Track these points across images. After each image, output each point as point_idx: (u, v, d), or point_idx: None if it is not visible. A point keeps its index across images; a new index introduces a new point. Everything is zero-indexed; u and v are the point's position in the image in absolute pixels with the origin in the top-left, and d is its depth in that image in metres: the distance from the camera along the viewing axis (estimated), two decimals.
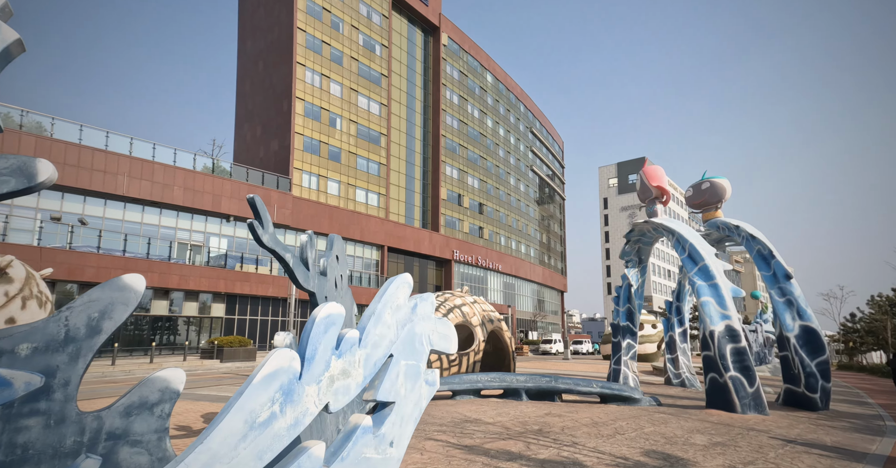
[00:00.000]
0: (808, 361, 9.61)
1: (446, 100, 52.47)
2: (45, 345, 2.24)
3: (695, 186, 12.93)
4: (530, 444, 6.39)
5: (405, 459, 5.45)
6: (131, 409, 2.49)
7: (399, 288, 2.82)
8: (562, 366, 25.96)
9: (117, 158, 26.05)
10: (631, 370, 14.31)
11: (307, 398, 2.10)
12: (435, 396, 11.31)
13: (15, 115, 23.85)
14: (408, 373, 2.77)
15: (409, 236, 44.79)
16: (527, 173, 68.67)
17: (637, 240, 13.58)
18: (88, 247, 24.78)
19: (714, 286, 9.45)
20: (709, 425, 8.06)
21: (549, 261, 74.12)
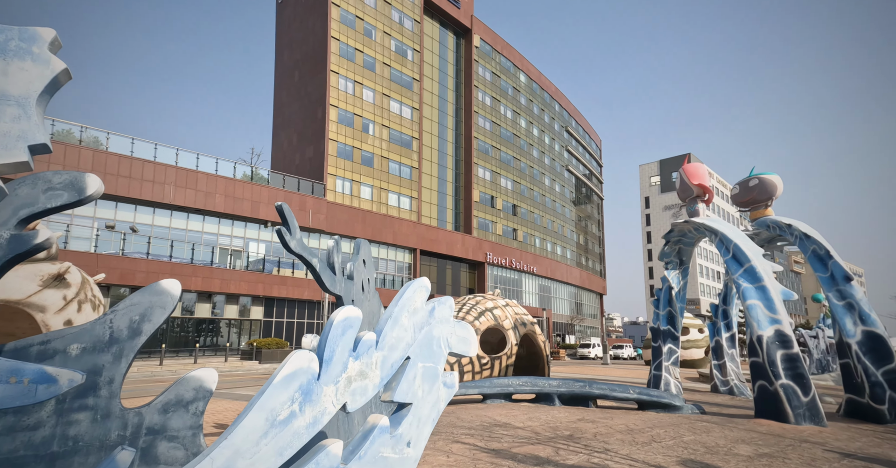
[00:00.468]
0: (872, 370, 8.75)
1: (478, 101, 52.33)
2: (92, 345, 2.44)
3: (742, 184, 12.14)
4: (559, 450, 6.10)
5: (430, 461, 5.34)
6: (168, 406, 2.65)
7: (416, 292, 2.84)
8: (600, 371, 25.11)
9: (165, 169, 27.54)
10: (673, 376, 13.58)
11: (325, 398, 2.17)
12: (465, 400, 11.14)
13: (76, 131, 25.68)
14: (425, 375, 2.78)
15: (441, 239, 44.85)
16: (562, 173, 67.35)
17: (677, 241, 12.89)
18: (139, 254, 26.31)
19: (761, 288, 8.78)
20: (756, 435, 7.47)
21: (587, 263, 72.25)
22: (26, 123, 1.78)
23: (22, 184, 2.25)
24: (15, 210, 2.21)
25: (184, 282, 27.07)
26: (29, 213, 2.23)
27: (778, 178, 11.20)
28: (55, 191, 2.27)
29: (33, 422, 2.29)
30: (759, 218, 11.62)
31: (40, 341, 2.38)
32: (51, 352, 2.38)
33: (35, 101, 1.80)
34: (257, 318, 31.68)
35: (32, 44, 1.84)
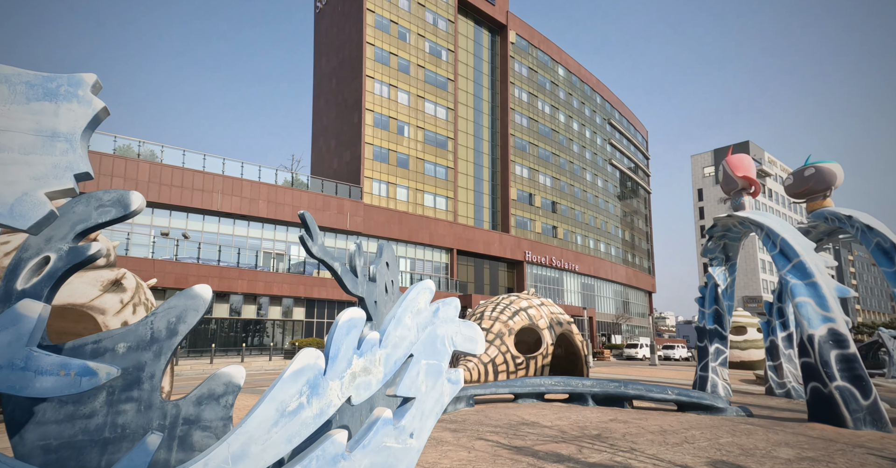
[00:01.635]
0: None
1: (515, 98, 51.74)
2: (136, 344, 2.78)
3: (796, 173, 11.26)
4: (583, 448, 5.90)
5: (451, 456, 5.33)
6: (202, 399, 2.95)
7: (420, 293, 3.03)
8: (645, 372, 24.11)
9: (213, 178, 29.18)
10: (721, 377, 12.83)
11: (331, 392, 2.39)
12: (496, 399, 11.03)
13: (134, 145, 27.75)
14: (429, 371, 2.94)
15: (478, 238, 44.69)
16: (605, 167, 65.29)
17: (721, 237, 12.15)
18: (190, 259, 28.04)
19: (813, 285, 8.08)
20: (804, 439, 6.89)
21: (634, 260, 69.62)
22: (72, 156, 2.04)
23: (77, 202, 2.64)
24: (73, 225, 2.57)
25: (230, 284, 28.58)
26: (84, 227, 2.59)
27: (837, 166, 10.29)
28: (105, 207, 2.62)
29: (88, 412, 2.64)
30: (817, 209, 10.73)
31: (94, 340, 2.77)
32: (102, 350, 2.75)
33: (80, 136, 2.07)
34: (299, 319, 32.90)
35: (78, 87, 2.11)
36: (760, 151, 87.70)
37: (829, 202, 10.43)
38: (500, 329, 16.10)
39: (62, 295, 5.81)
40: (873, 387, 7.63)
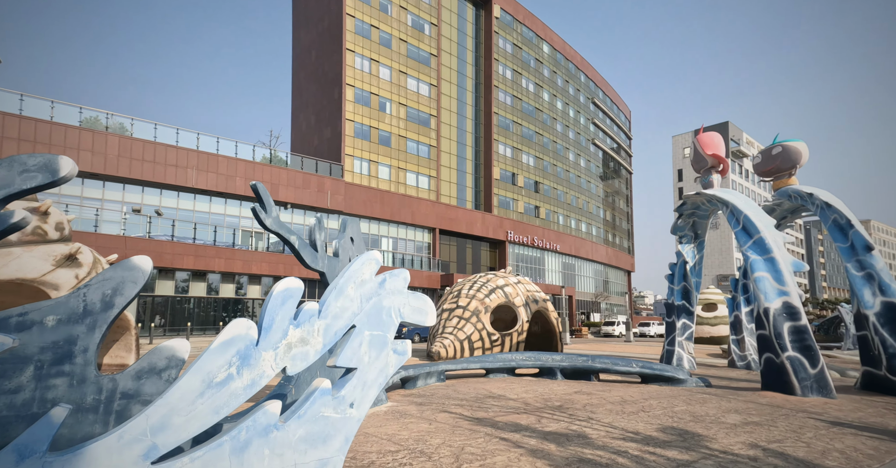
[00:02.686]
0: (891, 341, 8.32)
1: (498, 75, 50.98)
2: (67, 317, 2.65)
3: (764, 152, 11.44)
4: (542, 418, 6.12)
5: (411, 428, 5.45)
6: (142, 374, 2.86)
7: (365, 264, 3.02)
8: (619, 348, 24.87)
9: (187, 153, 28.32)
10: (686, 351, 13.31)
11: (264, 362, 2.36)
12: (468, 374, 11.27)
13: (102, 117, 26.63)
14: (372, 342, 2.95)
15: (460, 218, 44.72)
16: (588, 147, 65.41)
17: (691, 214, 12.39)
18: (164, 236, 27.44)
19: (771, 260, 8.36)
20: (753, 406, 7.29)
21: (614, 240, 70.77)
22: None
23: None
24: None
25: (207, 263, 28.18)
26: (5, 194, 2.41)
27: (803, 144, 10.49)
28: (30, 173, 2.44)
29: (14, 386, 2.54)
30: (782, 188, 10.99)
31: (19, 313, 2.62)
32: (28, 323, 2.62)
33: None
34: None
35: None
36: (739, 132, 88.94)
37: (793, 180, 10.68)
38: (476, 307, 16.34)
39: (10, 269, 5.64)
40: (821, 357, 8.04)
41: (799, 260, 8.39)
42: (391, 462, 3.94)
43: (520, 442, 4.85)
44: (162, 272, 27.34)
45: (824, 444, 5.18)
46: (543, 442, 4.88)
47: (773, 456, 4.66)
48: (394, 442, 4.64)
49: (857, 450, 5.03)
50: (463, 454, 4.29)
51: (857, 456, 4.80)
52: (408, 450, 4.33)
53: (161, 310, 27.60)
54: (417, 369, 9.04)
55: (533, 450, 4.51)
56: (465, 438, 4.91)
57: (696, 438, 5.27)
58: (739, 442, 5.17)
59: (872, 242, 9.00)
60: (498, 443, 4.73)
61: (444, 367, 9.80)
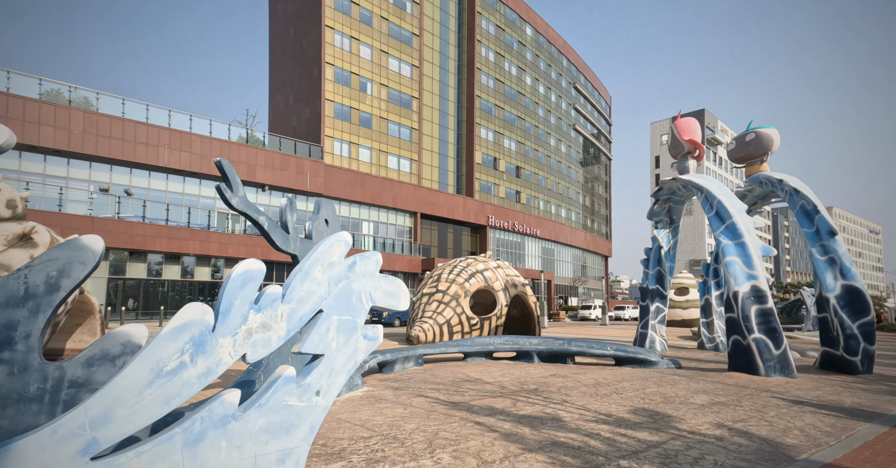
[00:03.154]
0: (849, 323, 8.70)
1: (481, 57, 50.24)
2: (5, 300, 2.47)
3: (738, 138, 11.60)
4: (518, 402, 6.18)
5: (386, 413, 5.42)
6: (93, 361, 2.70)
7: (333, 246, 2.88)
8: (596, 331, 25.44)
9: (158, 131, 27.18)
10: (659, 334, 13.67)
11: (221, 349, 2.21)
12: (446, 358, 11.33)
13: (65, 90, 25.22)
14: (341, 327, 2.84)
15: (442, 202, 44.54)
16: (569, 133, 65.56)
17: (667, 200, 12.55)
18: (135, 217, 26.50)
19: (741, 245, 8.57)
20: (720, 387, 7.55)
21: (593, 226, 71.80)
22: None
23: None
24: None
25: (181, 245, 27.42)
26: None
27: (775, 131, 10.67)
28: None
29: None
30: (754, 174, 11.19)
31: None
32: None
33: None
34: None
35: None
36: (714, 120, 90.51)
37: (765, 167, 10.89)
38: (456, 291, 16.38)
39: None
40: (785, 338, 8.37)
41: (767, 245, 8.60)
42: (363, 448, 3.90)
43: (494, 426, 4.88)
44: (133, 254, 26.49)
45: (785, 423, 5.39)
46: (518, 425, 4.92)
47: (737, 435, 4.81)
48: (367, 428, 4.60)
49: (815, 427, 5.25)
50: (436, 439, 4.29)
51: (815, 433, 5.00)
52: (381, 436, 4.30)
53: (133, 293, 26.84)
54: (395, 353, 9.02)
55: (507, 434, 4.54)
56: (439, 423, 4.91)
57: (665, 419, 5.40)
58: (707, 422, 5.32)
59: (836, 228, 9.30)
60: (472, 428, 4.75)
61: (421, 351, 9.81)
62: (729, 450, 4.29)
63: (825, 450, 4.41)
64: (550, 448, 4.12)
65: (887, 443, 4.69)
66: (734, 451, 4.24)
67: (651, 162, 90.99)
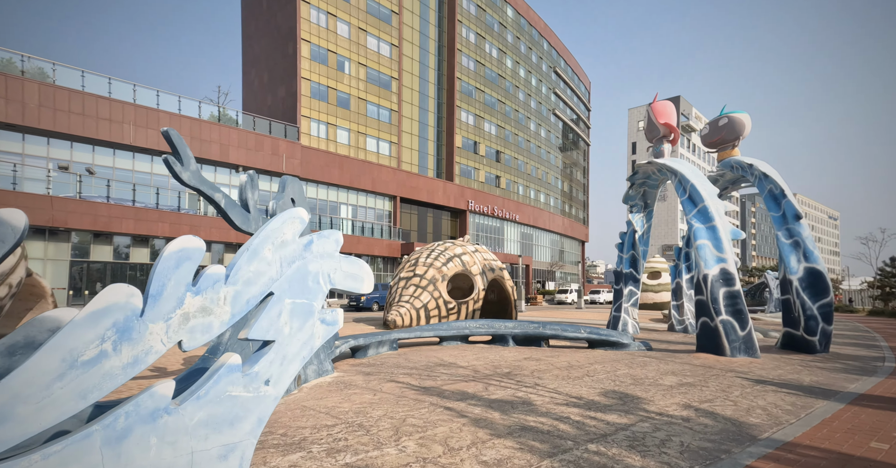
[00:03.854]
0: (809, 304, 9.02)
1: (462, 38, 49.26)
2: None
3: (712, 123, 11.68)
4: (490, 386, 6.15)
5: (354, 399, 5.29)
6: (15, 349, 2.43)
7: (286, 223, 2.65)
8: (571, 314, 25.87)
9: (122, 106, 25.80)
10: (631, 317, 13.92)
11: (151, 336, 2.00)
12: (422, 343, 11.27)
13: (17, 60, 23.57)
14: (295, 311, 2.66)
15: (422, 186, 44.11)
16: (549, 118, 65.46)
17: (642, 184, 12.62)
18: (99, 197, 25.30)
19: (712, 228, 8.69)
20: (688, 367, 7.73)
21: (571, 211, 72.55)
22: None
23: None
24: None
25: (150, 227, 26.42)
26: None
27: (747, 116, 10.76)
28: None
29: None
30: (725, 159, 11.32)
31: None
32: None
33: None
34: None
35: None
36: (689, 107, 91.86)
37: (736, 152, 11.03)
38: (433, 275, 16.29)
39: None
40: (750, 320, 8.61)
41: (737, 228, 8.75)
42: (325, 437, 3.77)
43: (464, 411, 4.81)
44: (98, 236, 25.38)
45: (749, 402, 5.53)
46: (488, 410, 4.87)
47: (704, 415, 4.88)
48: (332, 415, 4.46)
49: (777, 406, 5.39)
50: (403, 426, 4.18)
51: (777, 412, 5.13)
52: (346, 424, 4.17)
53: (99, 276, 25.83)
54: (368, 338, 8.89)
55: (476, 420, 4.47)
56: (408, 409, 4.82)
57: (635, 401, 5.45)
58: (674, 403, 5.40)
59: (802, 212, 9.53)
60: (441, 413, 4.67)
61: (396, 336, 9.71)
62: (695, 430, 4.33)
63: (786, 428, 4.51)
64: (519, 433, 4.08)
65: (843, 420, 4.85)
66: (700, 432, 4.28)
67: (628, 148, 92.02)
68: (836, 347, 11.04)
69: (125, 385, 6.11)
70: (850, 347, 11.31)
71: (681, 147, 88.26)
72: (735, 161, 10.74)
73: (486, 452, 3.54)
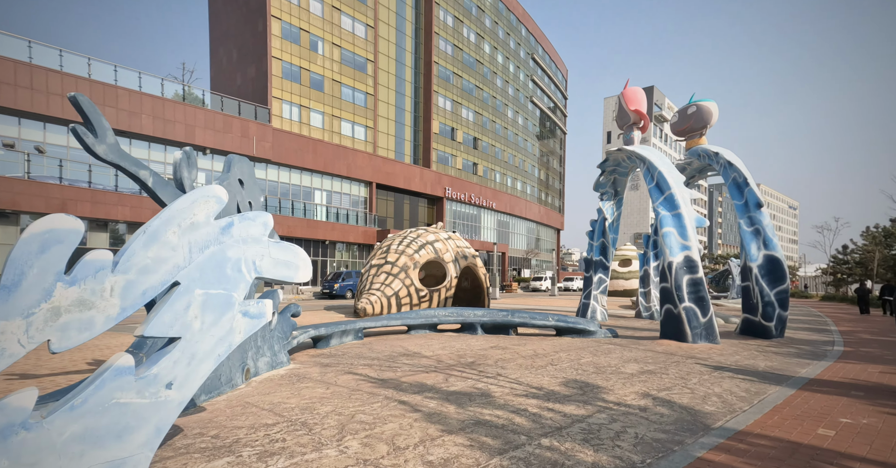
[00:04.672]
0: (767, 291, 9.26)
1: (439, 21, 48.21)
2: None
3: (681, 111, 11.68)
4: (451, 377, 6.00)
5: (305, 394, 5.01)
6: None
7: (196, 203, 2.28)
8: (544, 302, 26.12)
9: (76, 81, 24.21)
10: (600, 304, 14.05)
11: (4, 336, 1.65)
12: (389, 331, 11.06)
13: None
14: (208, 303, 2.32)
15: (398, 172, 43.46)
16: (526, 105, 65.25)
17: (612, 171, 12.60)
18: (51, 178, 23.87)
19: (677, 216, 8.73)
20: (650, 355, 7.81)
21: (547, 199, 73.10)
22: None
23: None
24: None
25: (108, 211, 25.16)
26: None
27: (714, 104, 10.79)
28: None
29: None
30: (693, 147, 11.37)
31: None
32: None
33: None
34: None
35: None
36: (662, 97, 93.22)
37: (703, 140, 11.10)
38: (405, 262, 16.03)
39: None
40: (711, 307, 8.76)
41: (701, 217, 8.83)
42: (261, 439, 3.50)
43: (419, 405, 4.64)
44: None
45: (706, 389, 5.57)
46: (444, 403, 4.71)
47: (661, 404, 4.85)
48: (276, 412, 4.19)
49: (732, 393, 5.45)
50: (351, 423, 3.97)
51: (731, 399, 5.18)
52: (288, 422, 3.91)
53: None
54: (331, 327, 8.61)
55: (430, 414, 4.30)
56: (359, 404, 4.60)
57: (595, 391, 5.39)
58: (633, 392, 5.37)
59: (763, 201, 9.68)
60: (395, 408, 4.48)
61: (361, 325, 9.47)
62: (651, 421, 4.29)
63: (739, 416, 4.53)
64: (472, 428, 3.93)
65: (793, 406, 4.93)
66: (656, 422, 4.23)
67: (603, 137, 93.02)
68: (790, 332, 11.44)
69: None
70: (804, 332, 11.75)
71: (653, 137, 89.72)
72: (702, 149, 10.80)
73: (434, 451, 3.37)
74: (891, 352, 8.76)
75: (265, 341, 5.98)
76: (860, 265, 33.93)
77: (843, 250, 37.69)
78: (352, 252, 40.40)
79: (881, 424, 4.37)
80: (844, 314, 20.01)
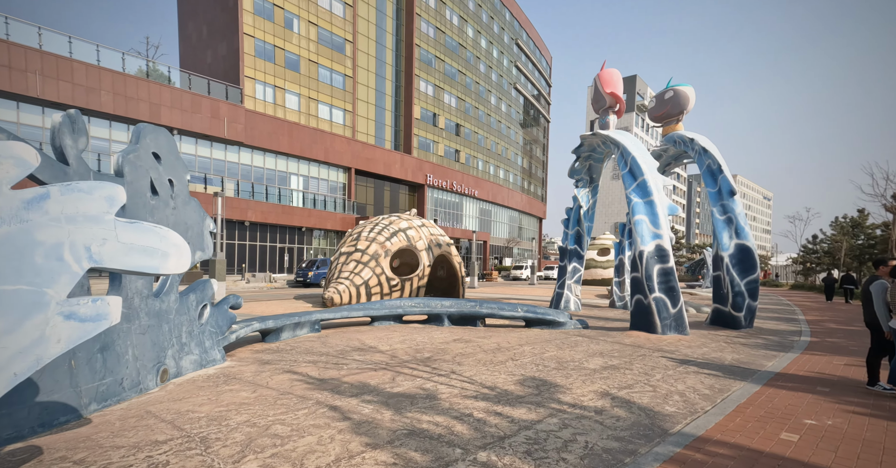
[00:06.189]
0: (738, 280, 9.07)
1: (421, 1, 46.79)
2: None
3: (658, 97, 11.28)
4: (399, 375, 5.53)
5: (221, 400, 4.39)
6: None
7: None
8: (523, 291, 25.91)
9: (25, 52, 22.59)
10: (574, 294, 13.77)
11: None
12: (351, 323, 10.54)
13: None
14: (2, 303, 1.80)
15: (378, 158, 42.49)
16: (510, 92, 64.41)
17: (587, 157, 12.17)
18: None
19: (650, 203, 8.38)
20: (617, 347, 7.50)
21: (529, 188, 72.90)
22: None
23: None
24: None
25: None
26: None
27: (691, 89, 10.42)
28: None
29: None
30: (669, 133, 11.03)
31: None
32: None
33: None
34: None
35: None
36: (644, 86, 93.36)
37: (679, 127, 10.77)
38: (376, 250, 15.45)
39: None
40: (681, 297, 8.50)
41: (674, 204, 8.51)
42: (138, 463, 2.89)
43: (351, 411, 4.15)
44: None
45: (668, 387, 5.28)
46: (381, 409, 4.23)
47: (619, 406, 4.49)
48: (176, 424, 3.63)
49: (695, 390, 5.16)
50: (262, 437, 3.44)
51: (694, 397, 4.88)
52: (185, 438, 3.36)
53: None
54: (282, 319, 8.04)
55: (359, 423, 3.82)
56: (282, 411, 4.08)
57: (551, 390, 5.00)
58: (592, 391, 5.01)
59: (736, 188, 9.40)
60: (321, 416, 3.98)
61: (318, 317, 8.92)
62: (605, 425, 3.90)
63: (700, 418, 4.21)
64: (403, 440, 3.46)
65: (757, 406, 4.66)
66: (610, 428, 3.85)
67: (586, 126, 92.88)
68: (759, 322, 11.37)
69: None
70: (772, 321, 11.71)
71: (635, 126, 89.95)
72: (678, 135, 10.45)
73: None
74: (855, 343, 8.70)
75: (192, 337, 5.40)
76: (828, 254, 34.74)
77: (813, 240, 38.51)
78: (329, 239, 39.55)
79: (846, 426, 4.09)
80: (812, 302, 20.38)
